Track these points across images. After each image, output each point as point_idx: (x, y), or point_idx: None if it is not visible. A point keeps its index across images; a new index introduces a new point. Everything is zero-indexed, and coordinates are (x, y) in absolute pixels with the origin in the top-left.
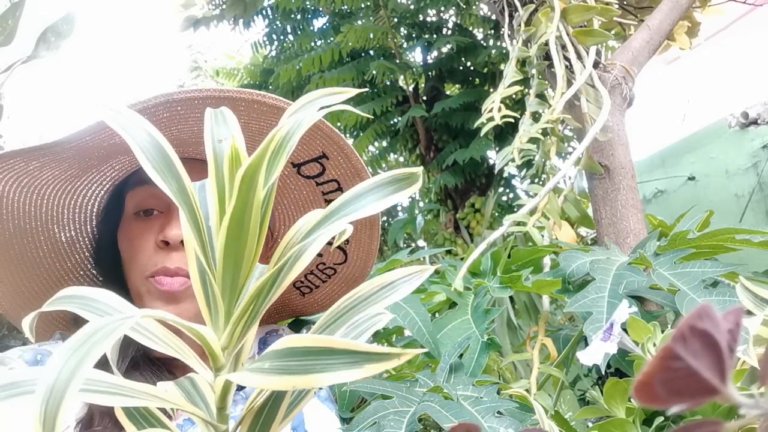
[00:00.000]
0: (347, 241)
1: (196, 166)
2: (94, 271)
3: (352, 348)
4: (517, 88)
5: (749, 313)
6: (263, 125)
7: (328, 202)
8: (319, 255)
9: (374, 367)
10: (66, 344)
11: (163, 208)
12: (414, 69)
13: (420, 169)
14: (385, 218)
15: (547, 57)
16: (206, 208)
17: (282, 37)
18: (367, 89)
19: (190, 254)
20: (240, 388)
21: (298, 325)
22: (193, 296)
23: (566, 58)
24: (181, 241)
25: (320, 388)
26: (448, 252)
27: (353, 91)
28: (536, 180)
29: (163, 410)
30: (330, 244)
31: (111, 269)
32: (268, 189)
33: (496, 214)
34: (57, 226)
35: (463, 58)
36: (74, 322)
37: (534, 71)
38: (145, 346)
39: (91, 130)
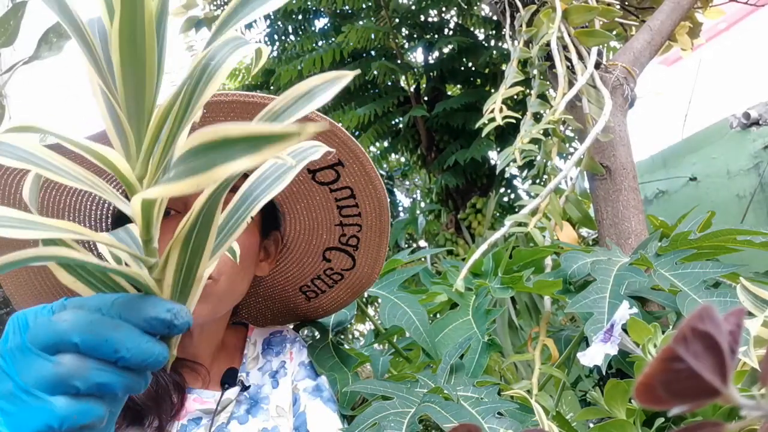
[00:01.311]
0: (356, 247)
1: None
2: None
3: (248, 133)
4: (519, 88)
5: (750, 314)
6: None
7: (340, 209)
8: (327, 260)
9: (273, 148)
10: None
11: (180, 208)
12: (415, 69)
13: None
14: None
15: (549, 57)
16: (102, 31)
17: (283, 38)
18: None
19: (90, 80)
20: (244, 388)
21: (302, 327)
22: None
23: (568, 59)
24: None
25: (322, 389)
26: (450, 252)
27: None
28: (537, 180)
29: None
30: (339, 250)
31: None
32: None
33: (498, 214)
34: (73, 221)
35: (464, 59)
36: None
37: (535, 72)
38: None
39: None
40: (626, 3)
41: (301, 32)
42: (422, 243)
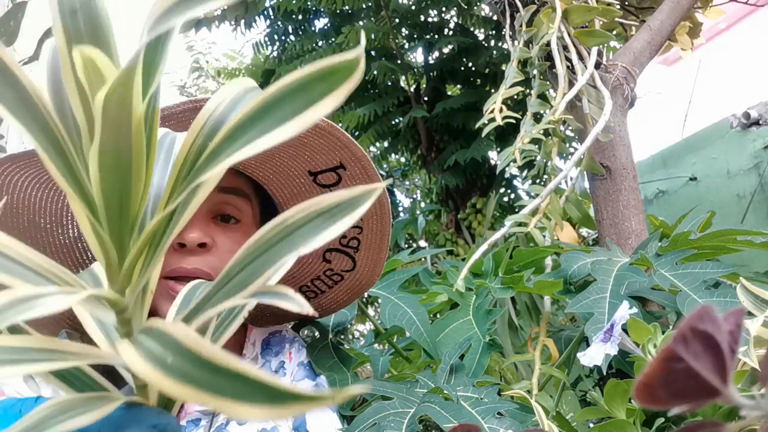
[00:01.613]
0: (357, 248)
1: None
2: None
3: (269, 384)
4: (519, 88)
5: (750, 314)
6: None
7: None
8: (327, 261)
9: (293, 409)
10: None
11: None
12: (415, 69)
13: (359, 53)
14: None
15: (549, 58)
16: (71, 119)
17: (283, 38)
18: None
19: (68, 193)
20: None
21: (301, 327)
22: None
23: (568, 59)
24: (199, 245)
25: (321, 389)
26: (450, 253)
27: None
28: (538, 181)
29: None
30: (339, 251)
31: None
32: (150, 99)
33: (498, 214)
34: (71, 222)
35: (464, 59)
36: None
37: (535, 72)
38: None
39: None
40: (626, 3)
41: (301, 32)
42: (422, 243)
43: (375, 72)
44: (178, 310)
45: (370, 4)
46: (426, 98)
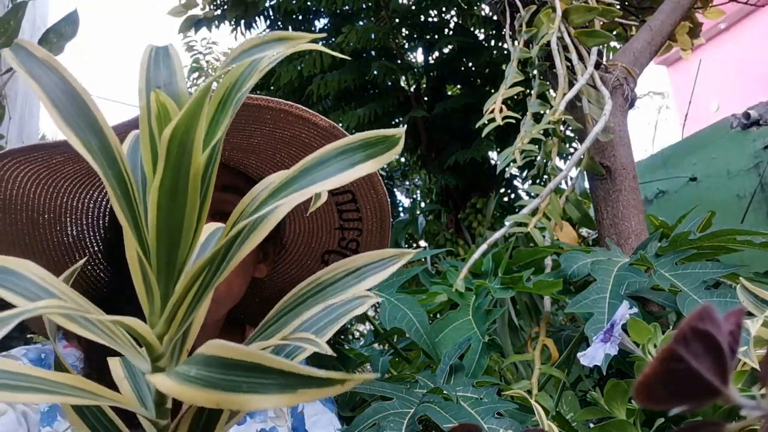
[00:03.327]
0: (356, 250)
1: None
2: (101, 266)
3: (285, 369)
4: (519, 88)
5: (750, 314)
6: (286, 134)
7: (341, 213)
8: (326, 263)
9: (310, 393)
10: None
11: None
12: (415, 69)
13: (401, 131)
14: None
15: (549, 58)
16: (140, 172)
17: None
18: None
19: (125, 229)
20: None
21: None
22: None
23: (568, 59)
24: None
25: None
26: (449, 253)
27: (306, 37)
28: (538, 181)
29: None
30: (338, 253)
31: (121, 264)
32: (211, 151)
33: (498, 214)
34: (70, 219)
35: (464, 59)
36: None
37: (535, 72)
38: None
39: (122, 127)
40: (626, 3)
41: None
42: (422, 243)
43: (375, 72)
44: None
45: (370, 4)
46: (426, 98)
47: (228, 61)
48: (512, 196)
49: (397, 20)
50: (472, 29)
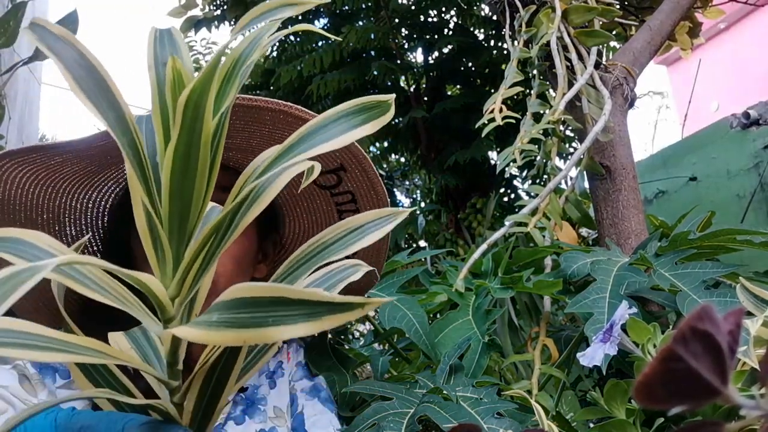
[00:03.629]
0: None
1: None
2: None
3: (309, 297)
4: (518, 88)
5: (750, 314)
6: (286, 135)
7: (341, 213)
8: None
9: (335, 318)
10: None
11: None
12: (415, 69)
13: (392, 97)
14: None
15: (548, 57)
16: (153, 143)
17: (283, 38)
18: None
19: (134, 194)
20: (242, 389)
21: None
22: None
23: (567, 59)
24: None
25: (320, 389)
26: (449, 253)
27: (313, 2)
28: (537, 180)
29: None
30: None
31: (121, 265)
32: (219, 118)
33: (498, 214)
34: (68, 219)
35: (464, 59)
36: (81, 314)
37: (535, 72)
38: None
39: (99, 138)
40: (626, 3)
41: (300, 32)
42: (422, 243)
43: (375, 72)
44: None
45: (369, 4)
46: (426, 98)
47: (239, 29)
48: (512, 196)
49: (396, 20)
50: (471, 29)
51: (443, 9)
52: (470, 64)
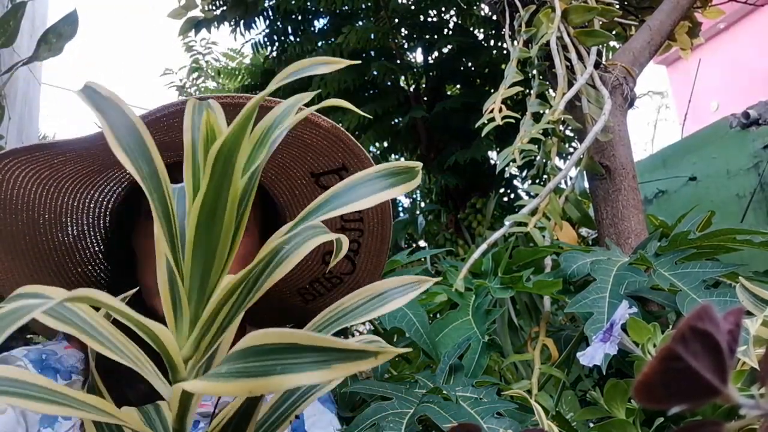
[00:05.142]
0: (357, 251)
1: None
2: (101, 266)
3: (319, 344)
4: (518, 88)
5: (749, 313)
6: (288, 135)
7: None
8: (327, 263)
9: (345, 367)
10: None
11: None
12: (415, 69)
13: (419, 165)
14: None
15: (548, 57)
16: (183, 208)
17: (283, 38)
18: (358, 62)
19: (159, 249)
20: None
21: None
22: None
23: (567, 59)
24: None
25: None
26: (449, 253)
27: (344, 62)
28: (537, 180)
29: None
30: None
31: (123, 265)
32: (250, 176)
33: (497, 214)
34: (70, 219)
35: (464, 59)
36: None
37: (535, 72)
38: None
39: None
40: (626, 3)
41: (300, 33)
42: (422, 243)
43: (375, 72)
44: None
45: (369, 4)
46: (425, 98)
47: (279, 80)
48: (512, 196)
49: (396, 20)
50: (471, 29)
51: (443, 9)
52: (470, 64)
